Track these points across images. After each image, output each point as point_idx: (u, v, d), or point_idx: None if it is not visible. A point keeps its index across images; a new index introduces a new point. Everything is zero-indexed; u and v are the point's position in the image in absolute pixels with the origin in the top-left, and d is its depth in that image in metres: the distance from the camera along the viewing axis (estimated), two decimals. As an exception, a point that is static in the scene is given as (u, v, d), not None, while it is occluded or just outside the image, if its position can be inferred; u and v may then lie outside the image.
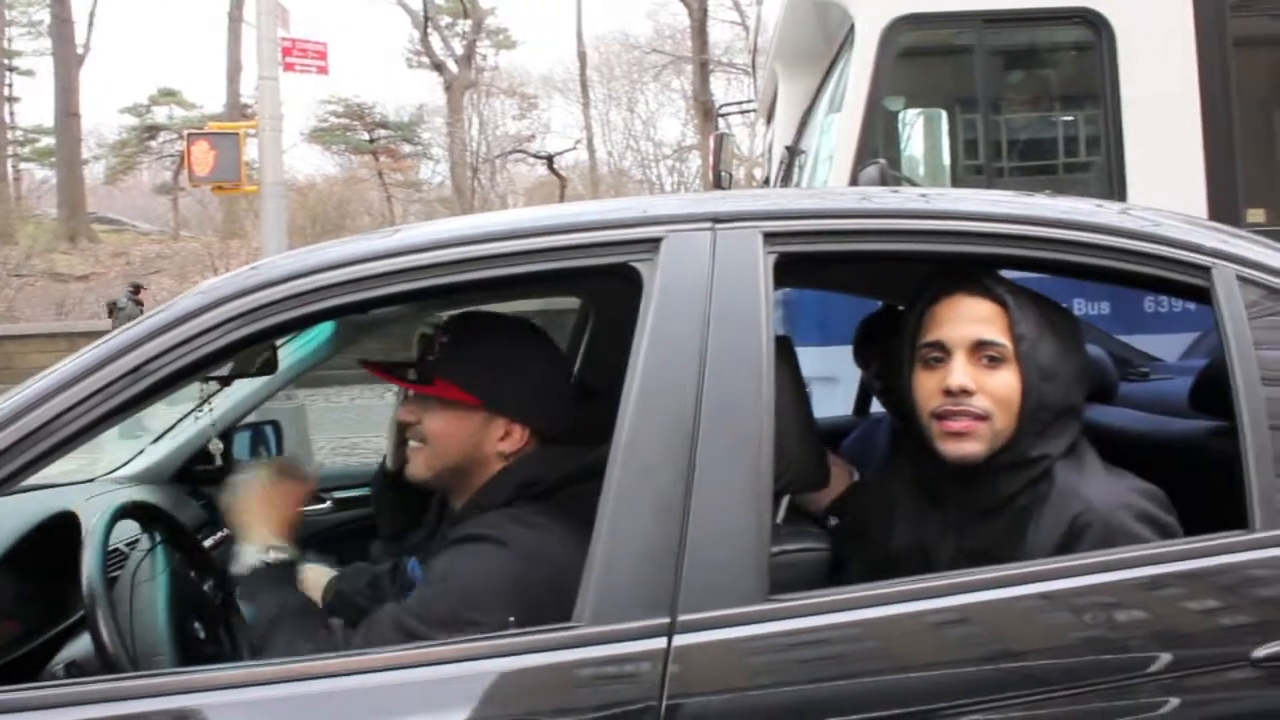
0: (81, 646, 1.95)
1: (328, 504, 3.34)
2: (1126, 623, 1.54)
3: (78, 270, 22.14)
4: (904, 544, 1.85)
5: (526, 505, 1.84)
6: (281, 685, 1.47)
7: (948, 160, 5.64)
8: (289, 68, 12.57)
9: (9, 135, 33.49)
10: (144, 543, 2.05)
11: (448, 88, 30.75)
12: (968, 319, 1.75)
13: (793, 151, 6.03)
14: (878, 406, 3.27)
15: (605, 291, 3.07)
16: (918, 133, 5.95)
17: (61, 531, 2.31)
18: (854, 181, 4.67)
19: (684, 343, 1.57)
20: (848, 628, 1.51)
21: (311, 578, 2.44)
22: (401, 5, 30.38)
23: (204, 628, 2.02)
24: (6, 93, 32.79)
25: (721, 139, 7.63)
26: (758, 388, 1.56)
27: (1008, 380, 1.72)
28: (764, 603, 1.48)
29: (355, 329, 3.23)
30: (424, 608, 1.72)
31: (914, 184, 5.21)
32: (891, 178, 4.57)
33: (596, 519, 1.51)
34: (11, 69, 33.42)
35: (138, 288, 17.81)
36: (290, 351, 3.20)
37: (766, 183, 7.08)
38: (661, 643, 1.45)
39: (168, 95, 32.92)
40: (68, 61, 25.71)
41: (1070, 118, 5.57)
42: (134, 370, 1.54)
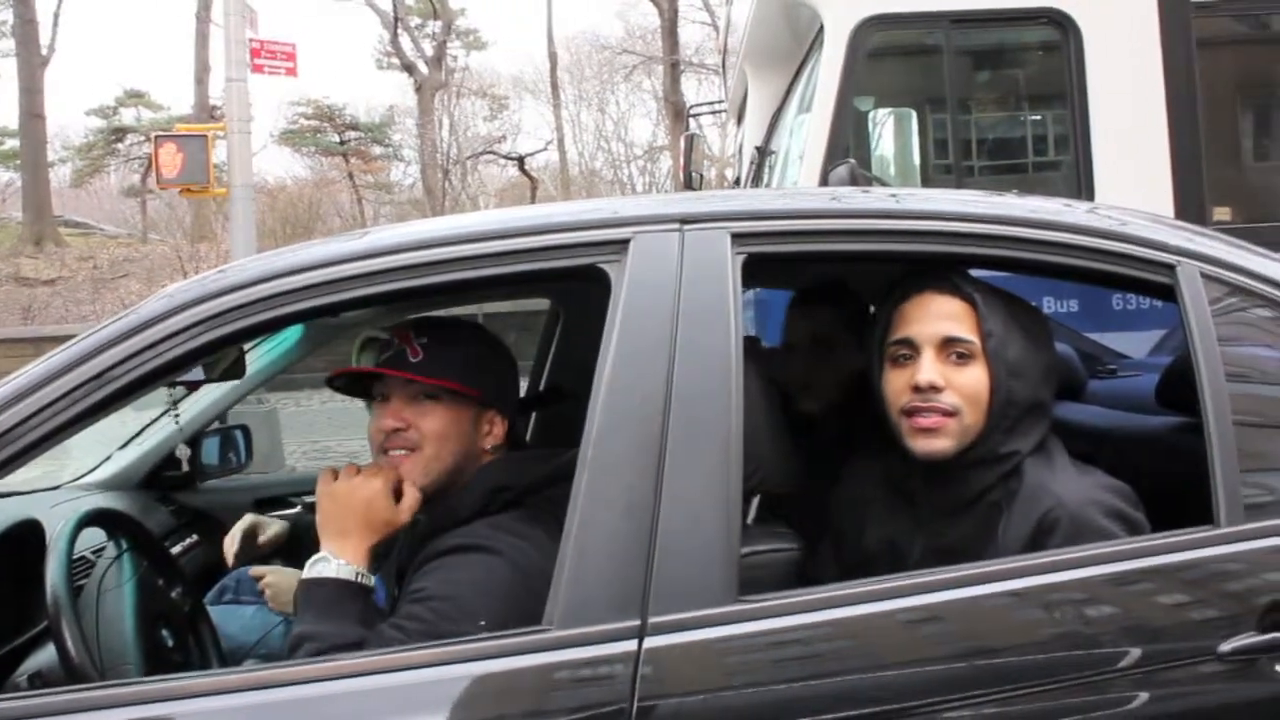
0: (46, 657, 1.92)
1: (297, 508, 3.32)
2: (1096, 619, 1.55)
3: (44, 274, 21.91)
4: (875, 542, 1.85)
5: (503, 513, 1.81)
6: (252, 693, 1.46)
7: (917, 160, 5.67)
8: (257, 69, 12.48)
9: (-27, 138, 33.16)
10: (110, 550, 2.03)
11: (418, 89, 30.61)
12: (936, 316, 1.75)
13: (763, 152, 6.04)
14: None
15: (575, 293, 3.07)
16: (888, 132, 5.97)
17: (26, 540, 2.29)
18: (824, 181, 4.69)
19: (652, 343, 1.57)
20: (819, 627, 1.51)
21: (280, 580, 2.43)
22: (371, 6, 30.23)
23: (172, 636, 2.00)
24: (-30, 95, 32.47)
25: (692, 139, 7.63)
26: (726, 388, 1.56)
27: (976, 377, 1.73)
28: (734, 603, 1.48)
29: (325, 332, 3.21)
30: (433, 629, 1.64)
31: (884, 184, 5.22)
32: (862, 177, 4.58)
33: (566, 520, 1.51)
34: (-25, 71, 33.04)
35: None
36: (259, 355, 3.18)
37: (737, 183, 7.09)
38: (632, 645, 1.45)
39: (135, 97, 32.58)
40: (32, 63, 25.39)
41: (1038, 117, 5.62)
42: (98, 375, 1.53)
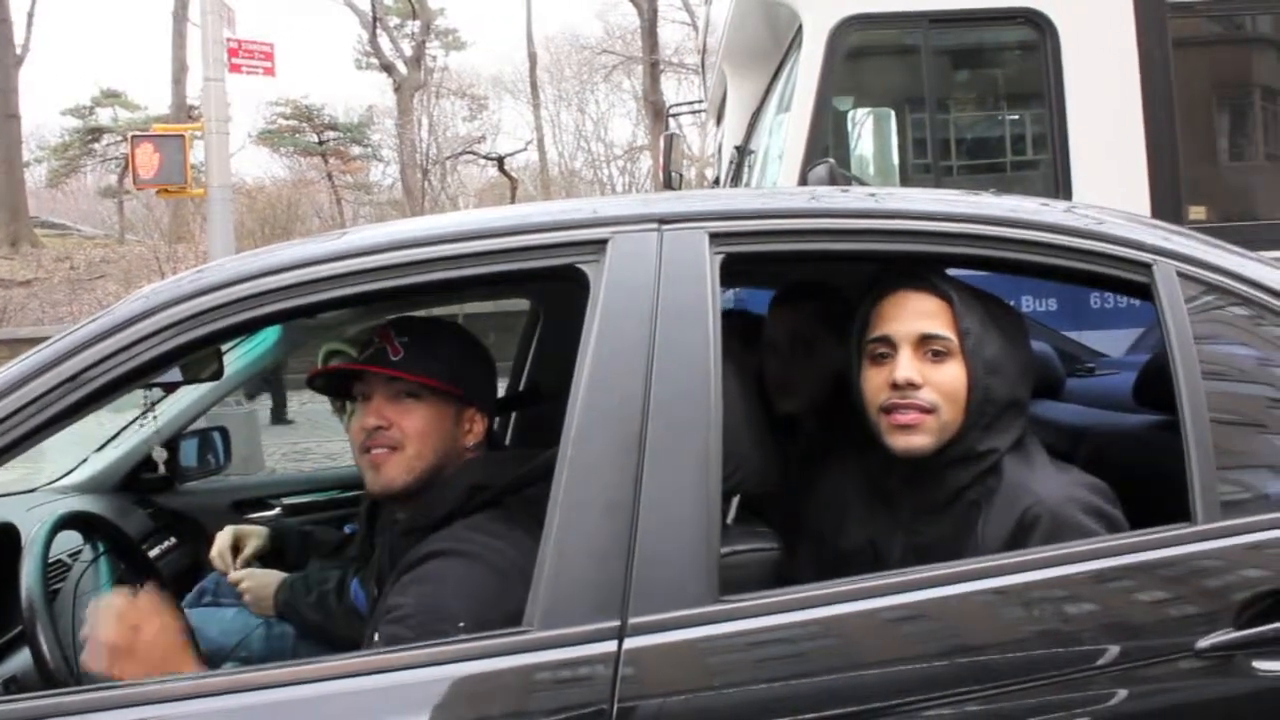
0: (21, 661, 1.91)
1: (276, 510, 3.31)
2: (1076, 616, 1.56)
3: (19, 276, 21.74)
4: (855, 541, 1.86)
5: (481, 513, 1.81)
6: (232, 696, 1.45)
7: (896, 159, 5.69)
8: (235, 69, 12.40)
9: (-53, 138, 32.90)
10: (87, 553, 2.02)
11: (397, 89, 30.52)
12: (913, 314, 1.76)
13: (742, 151, 6.05)
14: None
15: (555, 293, 3.07)
16: (866, 132, 5.99)
17: (0, 544, 2.27)
18: (803, 181, 4.70)
19: (631, 343, 1.56)
20: (800, 627, 1.51)
21: (259, 583, 2.42)
22: (349, 6, 30.09)
23: (149, 639, 1.99)
24: (-57, 95, 32.16)
25: (671, 139, 7.64)
26: (705, 387, 1.56)
27: (954, 374, 1.74)
28: (715, 603, 1.48)
29: (303, 333, 3.20)
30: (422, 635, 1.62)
31: (863, 183, 5.24)
32: (841, 177, 4.60)
33: (546, 521, 1.51)
34: (-52, 70, 32.77)
35: None
36: (237, 356, 3.17)
37: (717, 183, 7.10)
38: (612, 646, 1.44)
39: (111, 97, 32.34)
40: (6, 62, 25.17)
41: (1016, 117, 5.64)
42: (74, 377, 1.52)
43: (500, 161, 31.11)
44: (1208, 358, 1.66)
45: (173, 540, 2.98)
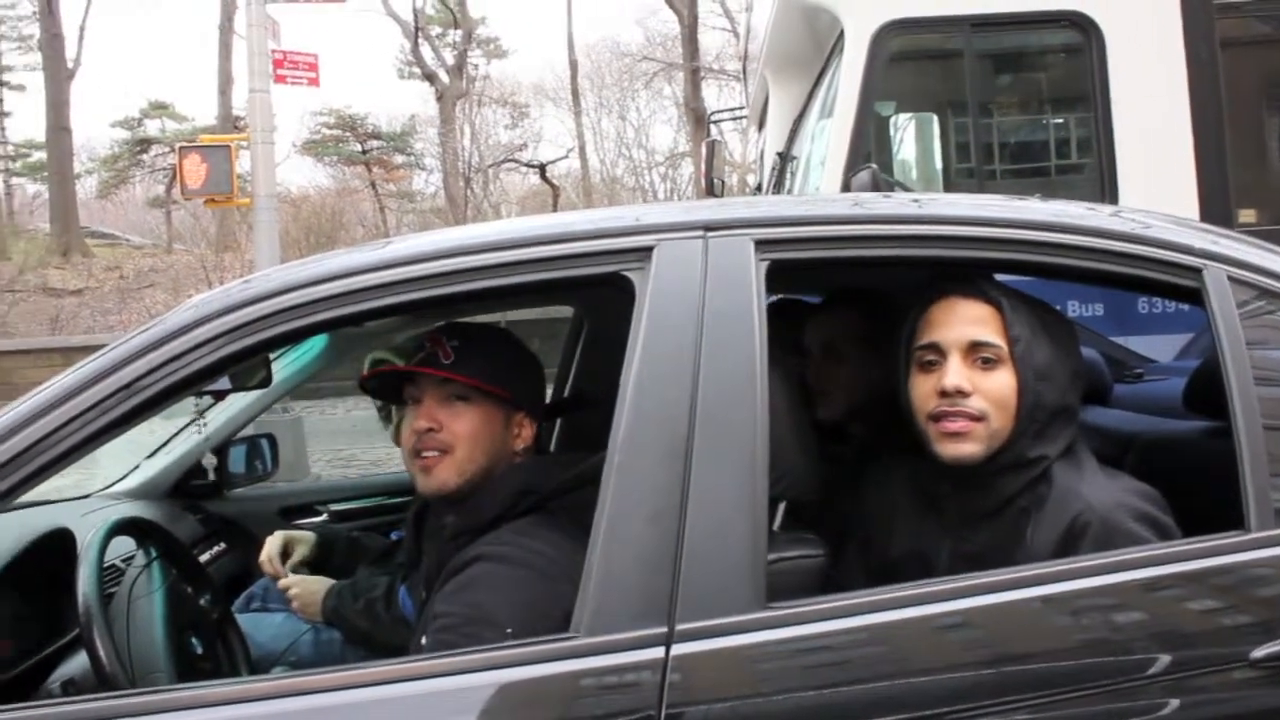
0: (78, 664, 1.94)
1: (323, 516, 3.34)
2: (1127, 624, 1.54)
3: (71, 285, 22.08)
4: (903, 548, 1.85)
5: (528, 518, 1.82)
6: (280, 700, 1.46)
7: (940, 164, 5.65)
8: (280, 80, 12.54)
9: (0, 150, 33.49)
10: (140, 559, 2.05)
11: (439, 98, 30.70)
12: (962, 321, 1.75)
13: (785, 158, 6.03)
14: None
15: (598, 300, 3.07)
16: (909, 137, 5.96)
17: (57, 548, 2.31)
18: (846, 187, 4.68)
19: (677, 351, 1.57)
20: (847, 634, 1.50)
21: (307, 588, 2.44)
22: (392, 16, 30.31)
23: (201, 643, 2.02)
24: (-2, 108, 32.83)
25: (713, 146, 7.62)
26: (752, 394, 1.56)
27: (1003, 381, 1.72)
28: (762, 610, 1.48)
29: (350, 342, 3.23)
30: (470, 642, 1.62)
31: (906, 189, 5.21)
32: (884, 182, 4.57)
33: (593, 527, 1.51)
34: (2, 84, 33.38)
35: None
36: (285, 364, 3.20)
37: (759, 189, 7.08)
38: (659, 652, 1.44)
39: (159, 108, 32.82)
40: (58, 76, 25.64)
41: (1061, 120, 5.58)
42: (127, 386, 1.54)
43: (542, 169, 31.21)
44: (1260, 363, 1.64)
45: (222, 546, 3.02)
